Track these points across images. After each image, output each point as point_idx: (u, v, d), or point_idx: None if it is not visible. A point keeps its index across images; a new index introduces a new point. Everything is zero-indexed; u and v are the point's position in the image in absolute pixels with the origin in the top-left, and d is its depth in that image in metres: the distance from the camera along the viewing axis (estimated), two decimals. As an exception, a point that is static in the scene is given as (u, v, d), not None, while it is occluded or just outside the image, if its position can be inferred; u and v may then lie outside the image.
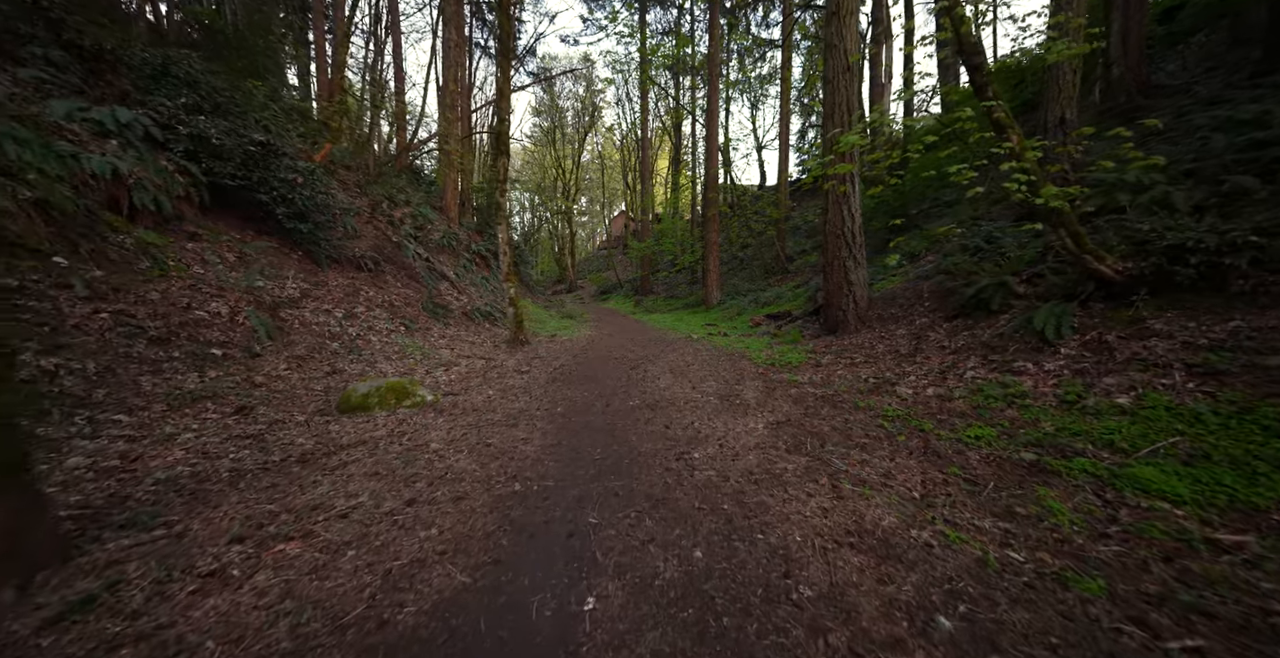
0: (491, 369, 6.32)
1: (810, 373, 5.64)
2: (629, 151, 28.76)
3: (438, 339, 7.44)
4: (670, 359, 7.21)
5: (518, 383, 5.56)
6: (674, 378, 5.82)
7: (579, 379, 5.82)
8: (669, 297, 21.47)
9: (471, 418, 4.05)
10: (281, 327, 5.33)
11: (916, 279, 7.57)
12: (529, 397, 4.87)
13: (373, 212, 9.86)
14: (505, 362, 6.85)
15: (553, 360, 7.11)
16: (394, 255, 9.13)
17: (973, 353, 4.56)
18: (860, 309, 7.07)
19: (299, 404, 4.07)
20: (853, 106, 7.11)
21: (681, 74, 23.12)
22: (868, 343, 6.28)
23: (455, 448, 3.23)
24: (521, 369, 6.38)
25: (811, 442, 3.24)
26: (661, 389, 5.19)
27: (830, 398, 4.45)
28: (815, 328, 8.42)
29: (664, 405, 4.48)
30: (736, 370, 6.11)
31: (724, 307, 15.12)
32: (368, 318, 6.71)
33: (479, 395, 4.89)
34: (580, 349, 8.40)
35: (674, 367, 6.56)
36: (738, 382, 5.46)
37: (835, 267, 7.26)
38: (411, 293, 8.44)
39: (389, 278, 8.34)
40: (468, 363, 6.57)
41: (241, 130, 6.25)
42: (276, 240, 6.80)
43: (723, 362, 6.79)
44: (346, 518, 2.13)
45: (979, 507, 2.20)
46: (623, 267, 30.59)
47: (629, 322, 15.06)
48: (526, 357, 7.33)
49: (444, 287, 10.02)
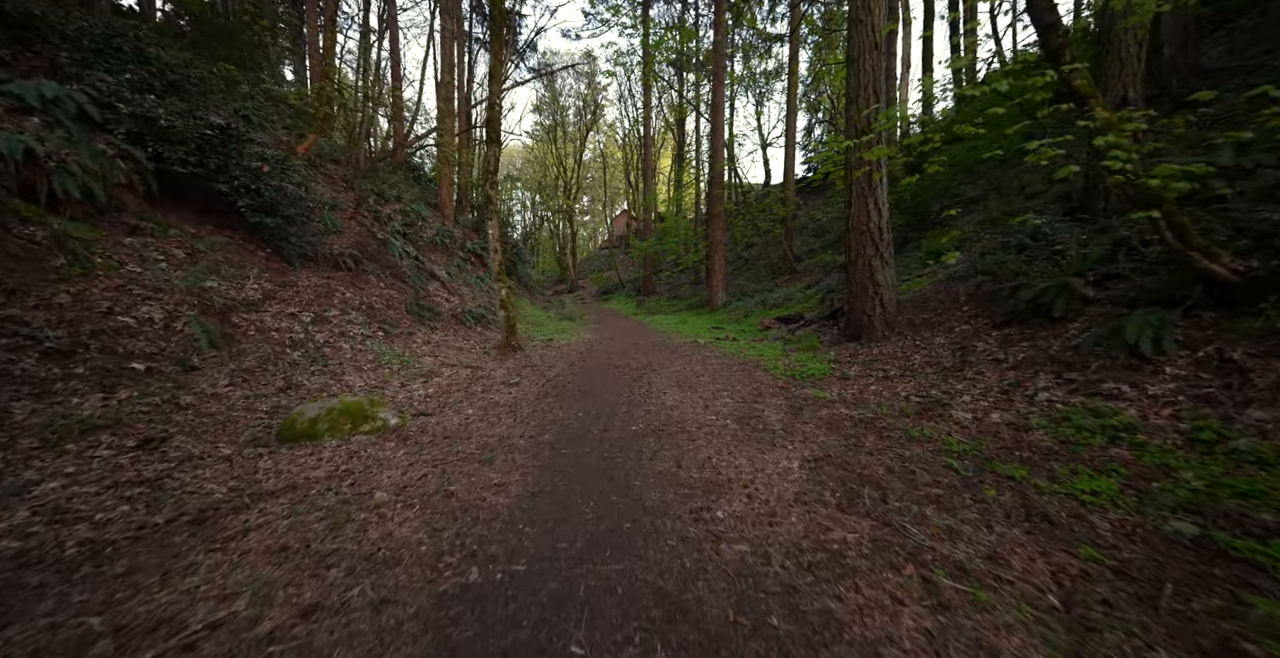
0: (476, 381, 5.55)
1: (838, 387, 4.85)
2: (631, 149, 27.95)
3: (420, 345, 6.67)
4: (676, 368, 6.43)
5: (504, 399, 4.78)
6: (682, 392, 5.04)
7: (574, 394, 5.04)
8: (672, 297, 20.69)
9: (439, 449, 3.28)
10: (232, 334, 4.56)
11: (948, 281, 6.77)
12: (514, 418, 4.10)
13: (357, 207, 9.10)
14: (494, 371, 6.07)
15: (546, 370, 6.33)
16: (378, 253, 8.37)
17: (1040, 369, 3.77)
18: (888, 314, 6.27)
19: (230, 432, 3.30)
20: (880, 87, 6.31)
21: (685, 70, 22.31)
22: (900, 352, 5.48)
23: (406, 500, 2.45)
24: (511, 381, 5.60)
25: (869, 493, 2.46)
26: (668, 408, 4.41)
27: (871, 422, 3.67)
28: (834, 333, 7.62)
29: (672, 431, 3.70)
30: (752, 383, 5.32)
31: (729, 308, 14.33)
32: (341, 322, 5.94)
33: (455, 416, 4.11)
34: (578, 356, 7.62)
35: (681, 378, 5.77)
36: (756, 398, 4.68)
37: (859, 266, 6.46)
38: (395, 294, 7.68)
39: (371, 278, 7.57)
40: (451, 373, 5.80)
41: (198, 112, 5.48)
42: (241, 236, 6.04)
43: (735, 372, 6.01)
44: (191, 654, 1.36)
45: (1170, 633, 1.41)
46: (624, 266, 29.81)
47: (631, 324, 14.27)
48: (518, 365, 6.56)
49: (433, 287, 9.25)
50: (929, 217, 10.56)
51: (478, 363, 6.49)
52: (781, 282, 15.58)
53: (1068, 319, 4.16)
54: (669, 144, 29.29)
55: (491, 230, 7.02)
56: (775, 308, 12.57)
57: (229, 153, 5.65)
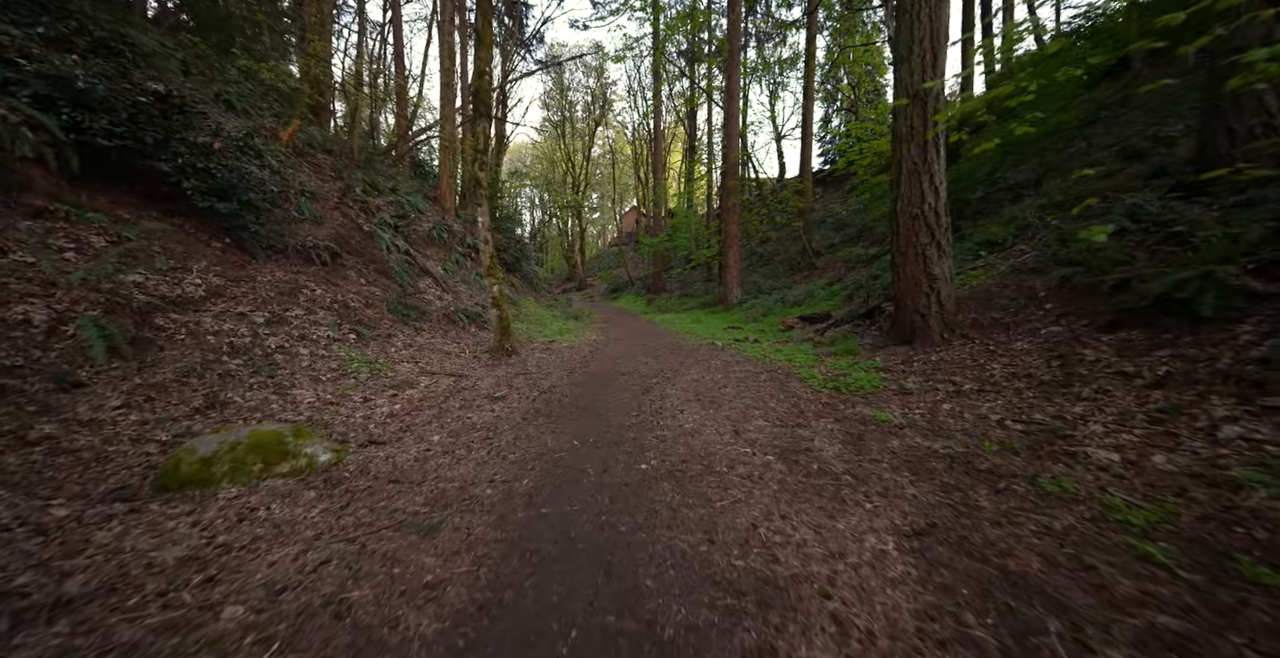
0: (457, 393, 4.59)
1: (899, 405, 3.80)
2: (641, 144, 26.87)
3: (400, 350, 5.73)
4: (693, 376, 5.41)
5: (483, 419, 3.81)
6: (703, 409, 4.02)
7: (569, 412, 4.05)
8: (683, 295, 19.64)
9: (371, 505, 2.31)
10: (151, 339, 3.65)
11: (1014, 273, 5.65)
12: (488, 448, 3.12)
13: (342, 196, 8.21)
14: (479, 382, 5.11)
15: (542, 379, 5.35)
16: (362, 247, 7.47)
17: (1208, 389, 2.69)
18: (947, 313, 5.18)
19: (91, 477, 2.37)
20: (940, 40, 5.20)
21: (698, 61, 21.16)
22: (969, 360, 4.40)
23: (268, 622, 1.48)
24: (497, 393, 4.63)
25: (1049, 622, 1.43)
26: (688, 433, 3.40)
27: (968, 463, 2.62)
28: (874, 335, 6.53)
29: (695, 472, 2.69)
30: (788, 398, 4.29)
31: (745, 306, 13.26)
32: (304, 323, 5.02)
33: (414, 446, 3.14)
34: (580, 361, 6.63)
35: (700, 389, 4.76)
36: (798, 419, 3.64)
37: (910, 257, 5.37)
38: (378, 291, 6.77)
39: (350, 273, 6.66)
40: (429, 383, 4.85)
41: (131, 76, 4.58)
42: (193, 224, 5.15)
43: (764, 382, 4.97)
44: None
45: None
46: (634, 264, 28.81)
47: (640, 323, 13.27)
48: (509, 373, 5.59)
49: (425, 284, 8.34)
50: (970, 205, 9.35)
51: (463, 370, 5.54)
52: (800, 278, 14.47)
53: (1226, 320, 3.06)
54: (679, 138, 28.19)
55: (482, 218, 6.06)
56: (796, 306, 11.47)
57: (171, 126, 4.75)
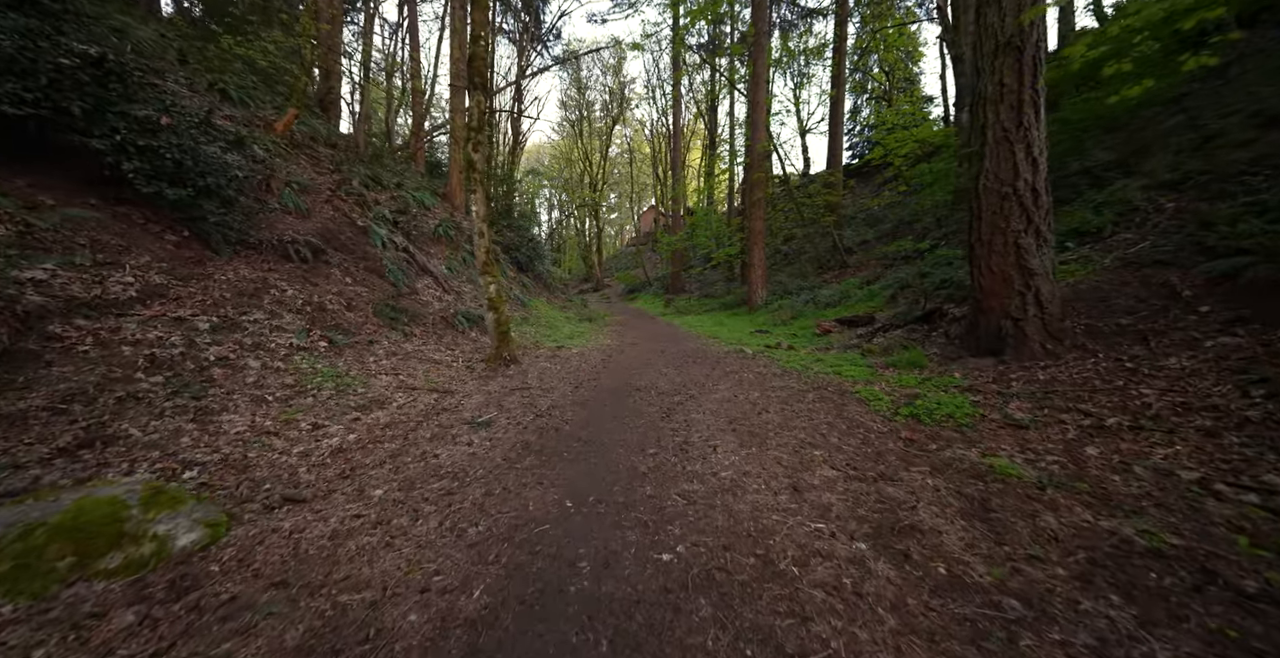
0: (433, 417, 3.66)
1: (1013, 445, 2.70)
2: (659, 141, 25.84)
3: (381, 359, 4.85)
4: (723, 394, 4.37)
5: (453, 459, 2.85)
6: (742, 446, 2.99)
7: (567, 448, 3.06)
8: (703, 296, 18.53)
9: (201, 646, 1.37)
10: (35, 352, 2.81)
11: (1127, 266, 4.42)
12: (441, 517, 2.14)
13: (336, 189, 7.44)
14: (466, 400, 4.18)
15: (541, 395, 4.38)
16: (353, 243, 6.65)
17: None
18: (1049, 317, 4.00)
19: None
20: (1046, -31, 4.03)
21: (719, 55, 20.01)
22: (1101, 380, 3.24)
23: None
24: (481, 417, 3.68)
25: None
26: (726, 489, 2.37)
27: (1220, 575, 1.53)
28: (941, 343, 5.35)
29: (748, 577, 1.66)
30: (854, 429, 3.21)
31: (772, 308, 12.10)
32: (262, 329, 4.17)
33: (343, 509, 2.19)
34: (590, 371, 5.65)
35: (735, 413, 3.71)
36: (878, 467, 2.57)
37: (997, 248, 4.22)
38: (365, 292, 5.92)
39: (334, 271, 5.84)
40: (404, 403, 3.94)
41: (55, 35, 3.79)
42: (143, 212, 4.37)
43: (814, 404, 3.90)
44: None
45: None
46: (652, 264, 27.80)
47: (659, 326, 12.25)
48: (504, 387, 4.64)
49: (423, 284, 7.50)
50: None
51: (450, 384, 4.61)
52: (830, 277, 13.23)
53: None
54: (699, 135, 27.08)
55: (476, 208, 5.14)
56: (830, 308, 10.28)
57: (106, 97, 3.95)
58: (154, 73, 4.95)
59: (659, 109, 25.40)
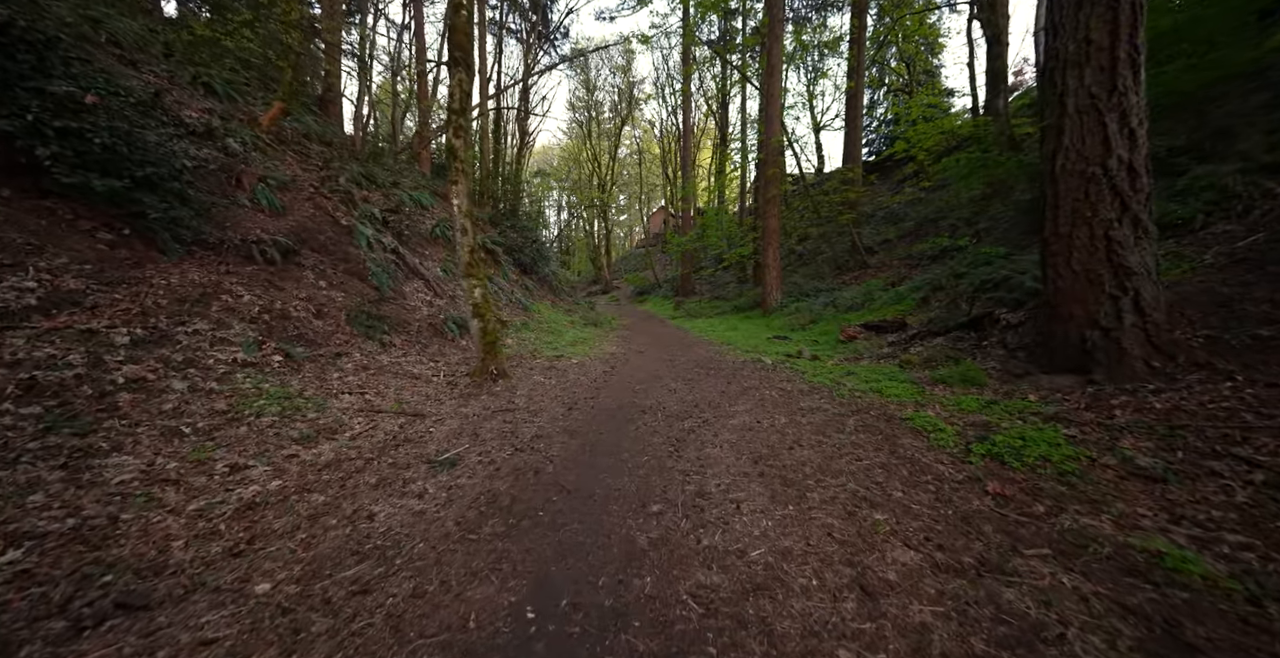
0: (387, 453, 2.96)
1: (1155, 509, 1.89)
2: (669, 140, 25.09)
3: (348, 375, 4.17)
4: (744, 419, 3.60)
5: (391, 524, 2.12)
6: (775, 502, 2.23)
7: (547, 505, 2.32)
8: (714, 298, 17.73)
9: None
10: None
11: (1239, 264, 3.56)
12: (334, 641, 1.42)
13: (320, 186, 6.84)
14: (436, 427, 3.47)
15: (526, 421, 3.66)
16: (333, 243, 6.03)
17: None
18: (1154, 326, 3.16)
19: None
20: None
21: (730, 51, 19.22)
22: (1251, 411, 2.42)
23: None
24: (446, 453, 2.97)
25: None
26: (759, 586, 1.61)
27: None
28: (1000, 356, 4.50)
29: None
30: (920, 477, 2.42)
31: (787, 311, 11.27)
32: (200, 342, 3.52)
33: (188, 628, 1.48)
34: (589, 386, 4.93)
35: (760, 448, 2.95)
36: (969, 543, 1.78)
37: (1080, 241, 3.39)
38: (341, 297, 5.27)
39: (307, 274, 5.20)
40: (361, 431, 3.25)
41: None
42: (73, 207, 3.74)
43: (858, 435, 3.11)
44: None
45: None
46: (661, 265, 27.06)
47: (668, 330, 11.49)
48: (485, 410, 3.93)
49: (413, 287, 6.85)
50: None
51: (423, 405, 3.92)
52: (850, 278, 12.34)
53: None
54: (709, 134, 26.30)
55: (456, 200, 4.45)
56: (853, 311, 9.42)
57: (17, 69, 3.34)
58: (97, 49, 4.34)
59: (668, 108, 24.70)
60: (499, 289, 9.62)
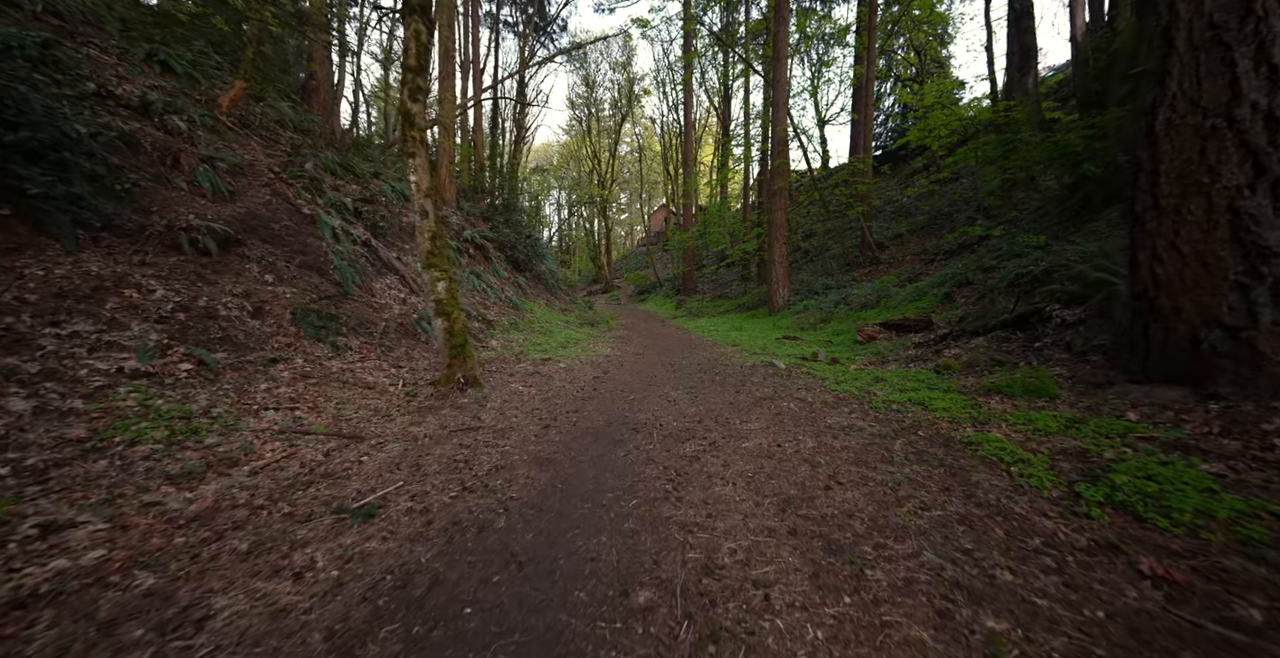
0: (287, 498, 2.20)
1: None
2: (670, 137, 24.31)
3: (281, 386, 3.41)
4: (760, 440, 2.82)
5: (228, 633, 1.37)
6: (819, 590, 1.45)
7: (483, 592, 1.56)
8: (717, 296, 16.96)
9: None
10: None
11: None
12: None
13: (281, 172, 6.10)
14: (372, 455, 2.71)
15: (488, 446, 2.89)
16: (290, 233, 5.27)
17: None
18: (1305, 325, 2.38)
19: None
20: None
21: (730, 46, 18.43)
22: None
23: None
24: (368, 497, 2.21)
25: None
26: None
27: None
28: (1064, 360, 3.70)
29: None
30: (1023, 543, 1.64)
31: (795, 310, 10.48)
32: (75, 347, 2.77)
33: None
34: (574, 397, 4.16)
35: (786, 487, 2.17)
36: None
37: (1192, 215, 2.60)
38: (292, 293, 4.52)
39: (251, 266, 4.45)
40: (270, 461, 2.49)
41: None
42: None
43: (913, 466, 2.33)
44: None
45: None
46: (662, 264, 26.29)
47: (669, 330, 10.72)
48: (441, 429, 3.16)
49: (385, 283, 6.10)
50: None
51: (367, 424, 3.15)
52: (861, 275, 11.54)
53: None
54: (710, 131, 25.51)
55: (414, 176, 3.69)
56: (868, 309, 8.63)
57: None
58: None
59: (669, 103, 23.89)
60: (487, 287, 8.87)
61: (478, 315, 7.20)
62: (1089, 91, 7.12)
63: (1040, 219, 7.97)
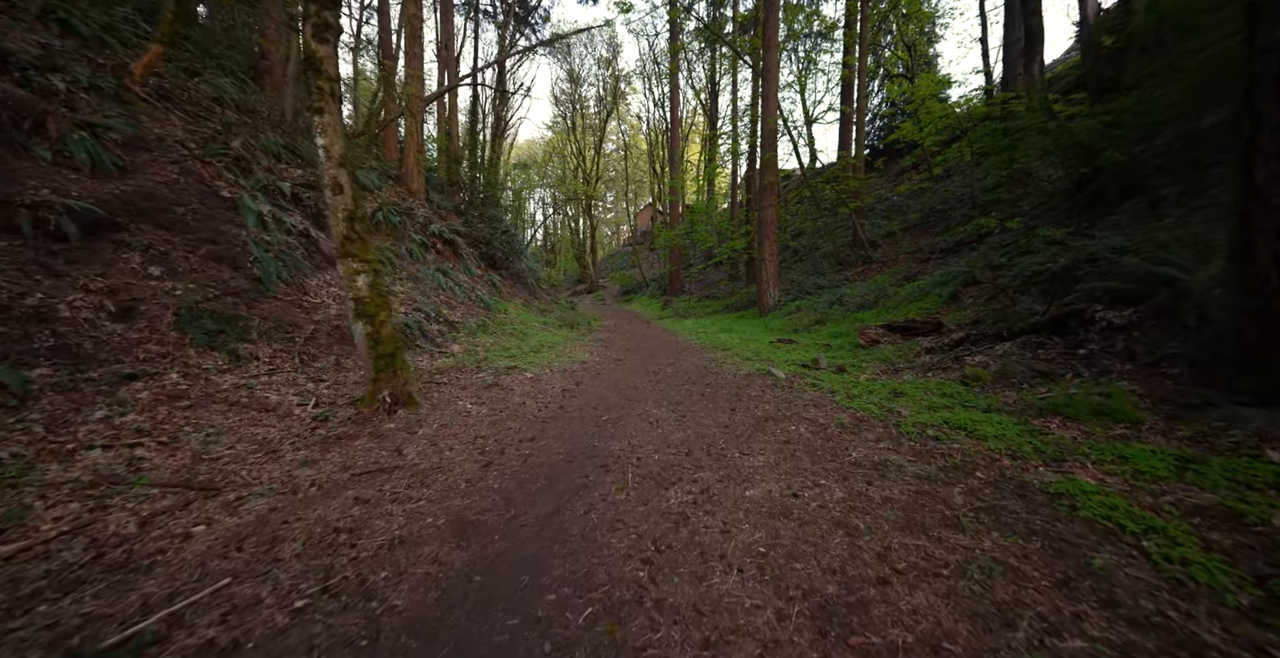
0: (15, 613, 1.33)
1: None
2: (656, 134, 23.51)
3: (135, 411, 2.52)
4: (773, 486, 2.03)
5: None
6: None
7: None
8: (704, 297, 16.23)
9: None
10: None
11: None
12: None
13: (200, 149, 5.12)
14: (220, 520, 1.85)
15: (397, 498, 2.05)
16: (198, 218, 4.33)
17: None
18: None
19: None
20: None
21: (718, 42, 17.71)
22: None
23: None
24: (178, 595, 1.36)
25: None
26: None
27: None
28: (1129, 372, 3.00)
29: None
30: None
31: (787, 311, 9.79)
32: None
33: None
34: (535, 417, 3.33)
35: (819, 575, 1.38)
36: None
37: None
38: (185, 289, 3.59)
39: (133, 255, 3.51)
40: (36, 540, 1.61)
41: None
42: None
43: (988, 533, 1.55)
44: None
45: None
46: (649, 263, 25.52)
47: (654, 332, 9.93)
48: (342, 471, 2.30)
49: (321, 280, 5.17)
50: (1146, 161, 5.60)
51: (236, 468, 2.28)
52: (854, 274, 10.91)
53: None
54: (698, 130, 24.82)
55: (324, 141, 2.83)
56: (865, 310, 7.96)
57: None
58: None
59: (655, 99, 23.09)
60: (455, 285, 7.96)
61: (438, 316, 6.31)
62: (1101, 77, 6.58)
63: (1046, 215, 7.39)
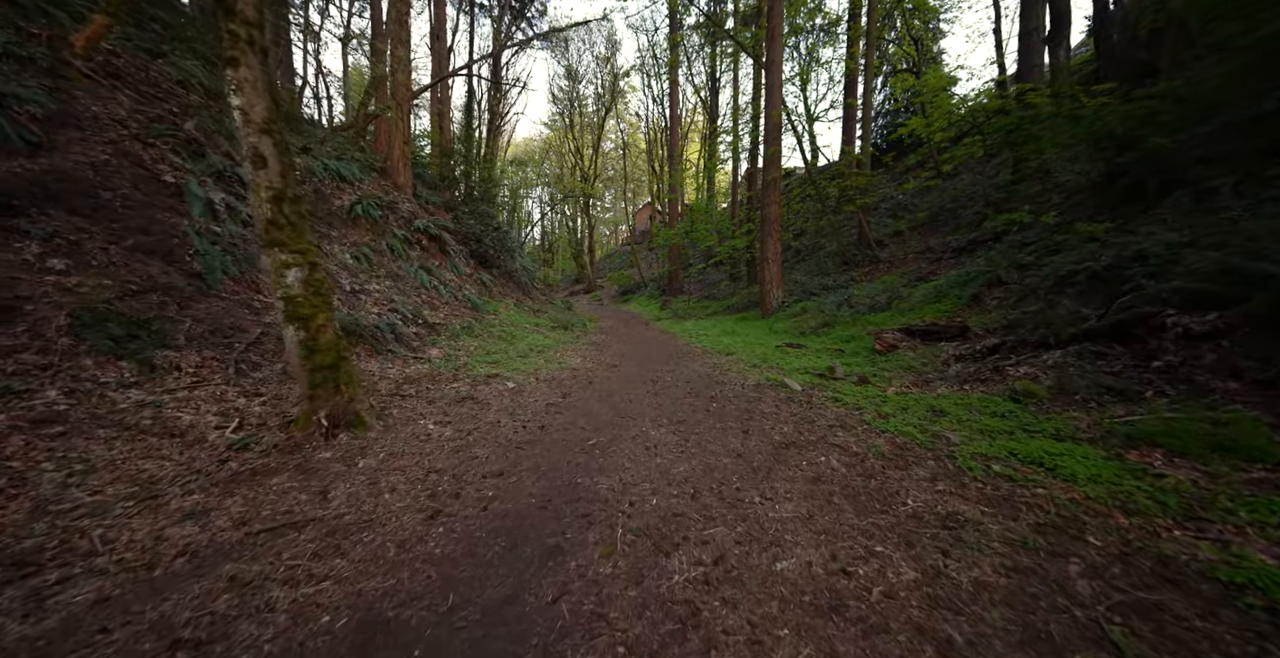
0: None
1: None
2: (655, 132, 22.91)
3: None
4: (812, 554, 1.43)
5: None
6: None
7: None
8: (704, 297, 15.65)
9: None
10: None
11: None
12: None
13: (143, 129, 4.51)
14: (15, 625, 1.25)
15: (306, 571, 1.47)
16: (131, 205, 3.73)
17: None
18: None
19: None
20: None
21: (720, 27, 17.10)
22: None
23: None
24: None
25: None
26: None
27: None
28: (1245, 394, 2.43)
29: None
30: None
31: (791, 312, 9.22)
32: None
33: None
34: (509, 441, 2.73)
35: None
36: None
37: None
38: (92, 286, 2.99)
39: (30, 245, 2.91)
40: None
41: None
42: None
43: None
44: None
45: None
46: (647, 263, 24.91)
47: (652, 335, 9.34)
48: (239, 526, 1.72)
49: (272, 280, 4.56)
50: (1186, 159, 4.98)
51: (81, 529, 1.68)
52: (860, 274, 10.34)
53: None
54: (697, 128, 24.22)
55: (237, 100, 2.21)
56: (877, 312, 7.38)
57: None
58: None
59: (654, 95, 22.49)
60: (440, 283, 7.35)
61: (417, 318, 5.71)
62: (1136, 61, 6.03)
63: (1071, 211, 6.83)
